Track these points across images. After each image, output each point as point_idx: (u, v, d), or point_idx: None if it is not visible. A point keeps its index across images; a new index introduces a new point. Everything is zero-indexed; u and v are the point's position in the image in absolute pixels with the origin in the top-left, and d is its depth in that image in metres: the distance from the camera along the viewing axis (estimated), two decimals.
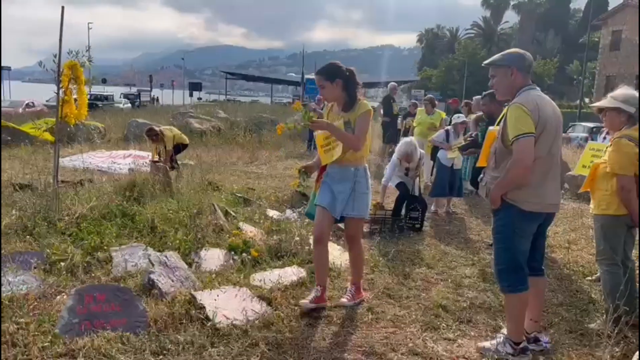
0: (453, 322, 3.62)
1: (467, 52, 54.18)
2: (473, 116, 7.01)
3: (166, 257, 3.99)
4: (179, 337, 3.07)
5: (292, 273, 4.24)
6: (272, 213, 6.16)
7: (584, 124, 23.10)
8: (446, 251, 5.36)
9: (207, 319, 3.31)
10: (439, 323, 3.59)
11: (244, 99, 67.47)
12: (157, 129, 8.37)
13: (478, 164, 3.39)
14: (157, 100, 49.42)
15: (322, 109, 8.56)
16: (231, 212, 5.87)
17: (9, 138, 12.75)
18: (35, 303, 3.36)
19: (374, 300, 3.94)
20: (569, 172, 7.99)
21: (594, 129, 19.02)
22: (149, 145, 9.08)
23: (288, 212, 6.33)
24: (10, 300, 3.31)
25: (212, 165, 10.24)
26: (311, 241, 4.87)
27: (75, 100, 5.46)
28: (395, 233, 5.82)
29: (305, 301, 3.65)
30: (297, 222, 5.76)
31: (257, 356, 3.00)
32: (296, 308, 3.64)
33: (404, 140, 6.49)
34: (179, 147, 8.73)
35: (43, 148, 11.17)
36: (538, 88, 3.04)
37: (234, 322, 3.29)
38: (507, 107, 2.95)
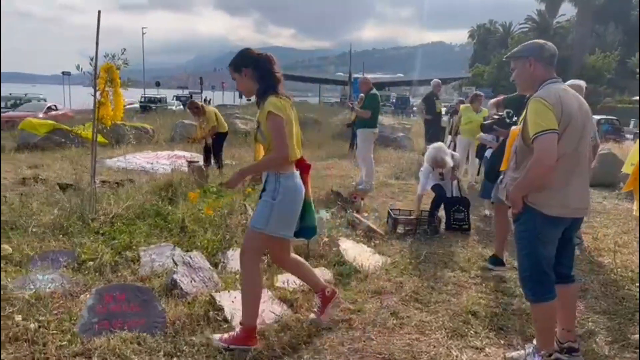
0: (482, 330, 3.43)
1: None
2: (492, 100, 6.46)
3: (190, 257, 4.00)
4: (194, 339, 3.05)
5: (317, 274, 4.14)
6: None
7: None
8: (483, 254, 5.12)
9: (225, 320, 3.27)
10: (467, 330, 3.41)
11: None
12: (199, 103, 8.65)
13: (500, 169, 3.16)
14: (209, 102, 50.53)
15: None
16: None
17: (63, 140, 13.32)
18: (61, 301, 3.44)
19: (400, 304, 3.79)
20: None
21: None
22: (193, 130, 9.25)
23: (321, 212, 6.22)
24: (36, 299, 3.39)
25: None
26: (341, 242, 4.80)
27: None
28: (429, 235, 5.63)
29: (216, 336, 3.06)
30: (328, 222, 5.67)
31: None
32: (317, 310, 3.55)
33: (432, 146, 6.19)
34: (221, 137, 8.84)
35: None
36: (562, 81, 2.81)
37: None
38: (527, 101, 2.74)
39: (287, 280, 3.97)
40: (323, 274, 4.18)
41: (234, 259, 4.41)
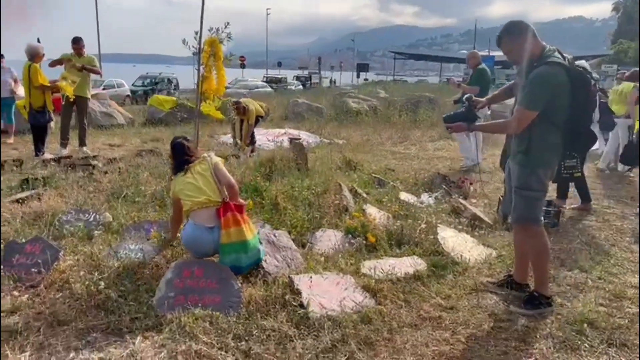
0: (600, 344, 2.87)
1: None
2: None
3: (275, 235, 3.85)
4: (265, 322, 2.88)
5: (409, 264, 3.80)
6: (406, 196, 5.71)
7: None
8: (611, 252, 4.39)
9: (301, 306, 3.07)
10: (580, 342, 2.88)
11: (412, 79, 66.31)
12: (242, 104, 8.38)
13: None
14: (335, 82, 51.23)
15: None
16: (361, 193, 5.57)
17: (185, 115, 14.06)
18: (145, 272, 3.46)
19: (501, 304, 3.32)
20: None
21: None
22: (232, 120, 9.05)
23: (424, 196, 5.81)
24: (123, 267, 3.45)
25: (359, 144, 10.06)
26: (440, 230, 4.39)
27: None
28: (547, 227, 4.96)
29: None
30: (429, 207, 5.25)
31: (345, 355, 2.67)
32: (403, 304, 3.22)
33: None
34: (257, 120, 8.81)
35: (211, 125, 12.10)
36: None
37: (328, 313, 3.01)
38: None
39: (374, 267, 3.66)
40: (416, 263, 3.82)
41: (322, 240, 4.20)
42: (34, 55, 7.72)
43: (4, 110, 9.72)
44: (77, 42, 8.13)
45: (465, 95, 3.65)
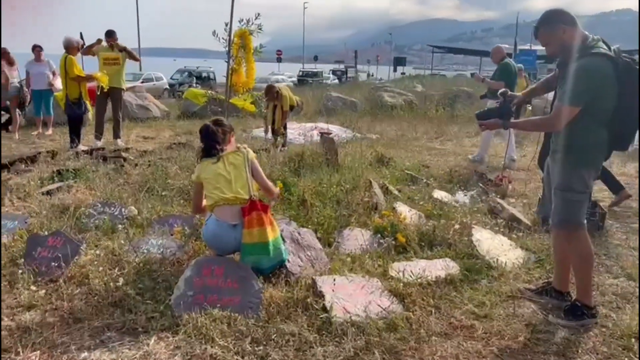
0: None
1: None
2: None
3: (299, 233, 3.70)
4: (285, 326, 2.73)
5: (440, 267, 3.59)
6: (440, 194, 5.47)
7: None
8: None
9: (324, 309, 2.91)
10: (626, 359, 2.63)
11: (450, 73, 65.14)
12: (276, 88, 8.13)
13: None
14: (373, 75, 50.85)
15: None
16: (392, 190, 5.37)
17: (219, 109, 14.09)
18: (167, 269, 3.37)
19: (539, 314, 3.08)
20: None
21: None
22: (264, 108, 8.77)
23: (459, 194, 5.57)
24: (144, 263, 3.37)
25: (393, 139, 9.83)
26: (475, 231, 4.16)
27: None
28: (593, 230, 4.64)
29: None
30: (464, 207, 5.00)
31: None
32: (433, 311, 3.02)
33: None
34: (290, 109, 8.53)
35: (244, 119, 12.07)
36: None
37: (352, 318, 2.84)
38: None
39: (403, 270, 3.47)
40: (448, 266, 3.61)
41: (349, 239, 4.04)
42: (70, 48, 7.81)
43: (43, 102, 9.91)
44: (111, 36, 8.18)
45: (500, 90, 3.39)
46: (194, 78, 29.12)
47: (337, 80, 41.30)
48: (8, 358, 2.41)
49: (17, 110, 9.96)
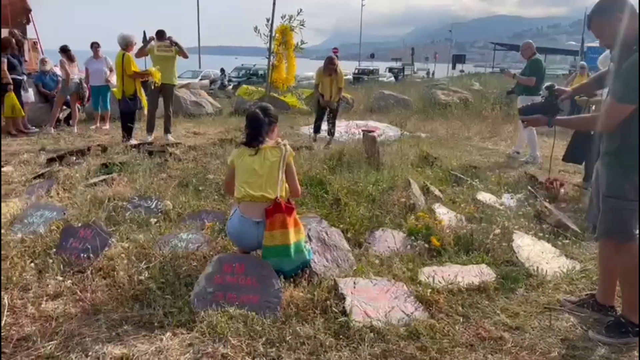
0: None
1: None
2: None
3: (326, 233, 3.60)
4: (301, 328, 2.65)
5: (474, 273, 3.40)
6: (485, 197, 5.22)
7: None
8: None
9: (343, 313, 2.80)
10: None
11: (512, 71, 62.91)
12: (336, 61, 8.51)
13: None
14: (433, 74, 50.03)
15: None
16: (433, 191, 5.17)
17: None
18: (193, 264, 3.37)
19: (579, 328, 2.84)
20: None
21: None
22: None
23: (505, 197, 5.29)
24: (171, 258, 3.38)
25: (444, 138, 9.53)
26: (516, 236, 3.93)
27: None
28: None
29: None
30: (509, 210, 4.74)
31: None
32: (460, 319, 2.85)
33: None
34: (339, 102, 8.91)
35: (293, 116, 12.09)
36: None
37: (372, 323, 2.72)
38: None
39: (432, 275, 3.31)
40: (482, 273, 3.41)
41: (380, 240, 3.91)
42: (127, 45, 8.07)
43: (100, 97, 10.31)
44: (161, 35, 8.39)
45: (547, 84, 3.15)
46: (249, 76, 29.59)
47: (393, 78, 40.78)
48: (26, 346, 2.46)
49: (77, 105, 10.41)
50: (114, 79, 9.83)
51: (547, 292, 3.24)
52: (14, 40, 9.64)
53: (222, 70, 29.69)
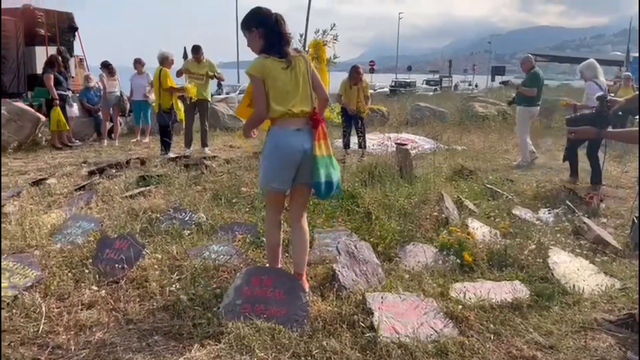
0: None
1: None
2: None
3: (355, 247, 3.58)
4: (327, 343, 2.64)
5: (507, 290, 3.31)
6: (521, 211, 5.10)
7: None
8: None
9: (371, 328, 2.78)
10: None
11: (552, 82, 61.44)
12: (361, 68, 8.74)
13: None
14: (477, 85, 49.58)
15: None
16: (468, 205, 5.09)
17: None
18: (223, 275, 3.41)
19: (617, 350, 2.73)
20: None
21: None
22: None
23: (542, 212, 5.15)
24: (202, 269, 3.44)
25: (480, 151, 9.37)
26: (552, 252, 3.83)
27: None
28: None
29: None
30: (546, 226, 4.62)
31: None
32: (491, 337, 2.78)
33: None
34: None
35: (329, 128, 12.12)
36: None
37: (400, 339, 2.68)
38: None
39: (464, 291, 3.24)
40: (516, 289, 3.32)
41: (411, 255, 3.86)
42: (164, 61, 8.33)
43: (141, 111, 10.63)
44: (197, 51, 8.63)
45: (598, 94, 3.03)
46: None
47: (430, 91, 40.50)
48: (60, 354, 2.53)
49: (119, 118, 10.78)
50: (152, 94, 10.14)
51: (584, 311, 3.13)
52: (59, 57, 10.08)
53: None
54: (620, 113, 7.93)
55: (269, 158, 3.09)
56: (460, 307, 3.03)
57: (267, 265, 3.35)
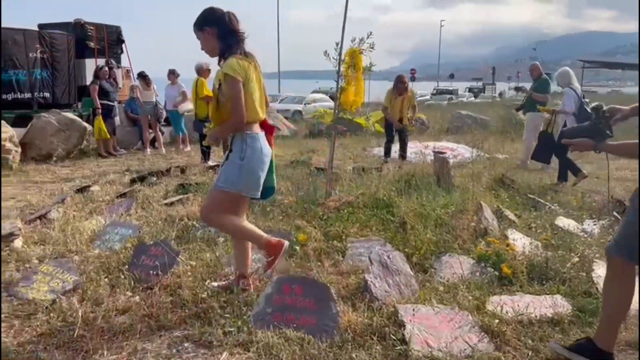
0: None
1: None
2: None
3: (388, 257, 3.51)
4: (356, 355, 2.59)
5: (547, 304, 3.17)
6: (564, 222, 4.90)
7: None
8: None
9: (402, 341, 2.71)
10: None
11: (602, 89, 59.32)
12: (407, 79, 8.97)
13: None
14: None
15: None
16: (508, 215, 4.93)
17: (345, 128, 14.30)
18: (256, 282, 3.41)
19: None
20: None
21: None
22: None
23: (587, 222, 4.94)
24: (234, 277, 3.44)
25: (522, 160, 9.11)
26: (596, 266, 3.66)
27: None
28: None
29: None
30: (591, 237, 4.42)
31: None
32: (529, 353, 2.66)
33: None
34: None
35: (365, 138, 12.08)
36: None
37: (433, 353, 2.61)
38: None
39: (501, 304, 3.12)
40: (557, 304, 3.18)
41: (447, 266, 3.76)
42: (201, 71, 8.51)
43: (174, 122, 10.88)
44: None
45: (594, 104, 2.84)
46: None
47: (473, 98, 39.83)
48: (94, 358, 2.58)
49: (161, 127, 11.09)
50: (183, 104, 10.36)
51: (630, 328, 2.96)
52: (106, 68, 10.44)
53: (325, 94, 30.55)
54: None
55: (256, 165, 3.02)
56: (496, 321, 2.92)
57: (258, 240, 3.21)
